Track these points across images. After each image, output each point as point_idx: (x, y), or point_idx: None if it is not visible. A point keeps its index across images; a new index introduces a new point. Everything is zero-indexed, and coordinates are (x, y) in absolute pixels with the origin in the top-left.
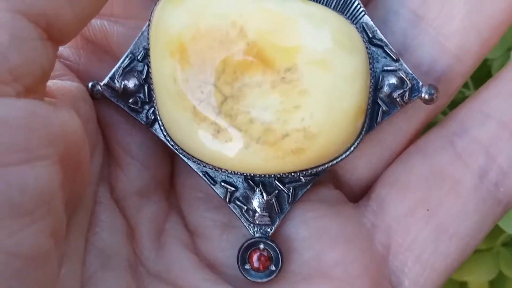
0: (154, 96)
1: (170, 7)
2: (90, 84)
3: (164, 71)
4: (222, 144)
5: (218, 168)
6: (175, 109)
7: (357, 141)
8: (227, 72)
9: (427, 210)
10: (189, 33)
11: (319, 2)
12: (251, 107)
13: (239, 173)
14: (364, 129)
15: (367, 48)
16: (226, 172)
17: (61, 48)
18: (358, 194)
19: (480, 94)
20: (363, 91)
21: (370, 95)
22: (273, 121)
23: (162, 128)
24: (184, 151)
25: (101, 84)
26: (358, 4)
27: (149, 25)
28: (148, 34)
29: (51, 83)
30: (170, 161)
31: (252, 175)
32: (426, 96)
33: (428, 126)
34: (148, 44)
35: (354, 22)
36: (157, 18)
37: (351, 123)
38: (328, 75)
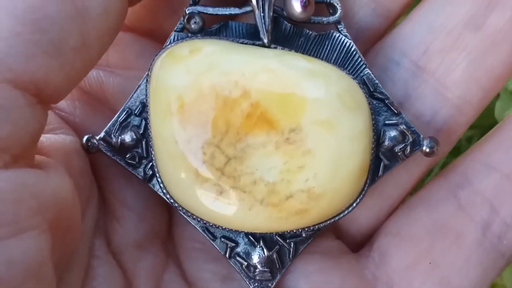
0: (153, 153)
1: (169, 64)
2: (85, 138)
3: (165, 132)
4: (225, 205)
5: (219, 225)
6: (176, 169)
7: (360, 197)
8: (231, 133)
9: (430, 263)
10: (191, 93)
11: (321, 56)
12: (255, 168)
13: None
14: (367, 185)
15: (369, 103)
16: (227, 228)
17: None
18: (359, 243)
19: (483, 145)
20: (366, 149)
21: (372, 151)
22: (277, 182)
23: (161, 185)
24: (184, 209)
25: (97, 138)
26: (359, 57)
27: (147, 80)
28: (146, 89)
29: (44, 138)
30: (168, 212)
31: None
32: (427, 150)
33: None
34: (146, 99)
35: (356, 75)
36: (156, 76)
37: (355, 182)
38: (333, 136)
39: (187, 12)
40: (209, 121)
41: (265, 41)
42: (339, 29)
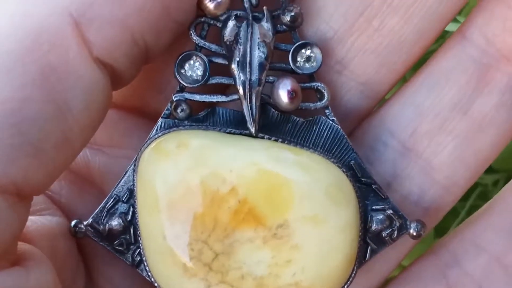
0: (141, 243)
1: (156, 159)
2: (72, 223)
3: (153, 227)
4: None
5: None
6: (164, 263)
7: (348, 284)
8: (218, 229)
9: None
10: (178, 190)
11: (308, 141)
12: (243, 262)
13: None
14: (354, 271)
15: (357, 193)
16: None
17: None
18: None
19: (473, 224)
20: (354, 241)
21: (360, 239)
22: (264, 276)
23: (149, 273)
24: None
25: (85, 224)
26: (347, 142)
27: (134, 170)
28: (133, 179)
29: (29, 222)
30: None
31: None
32: (414, 233)
33: None
34: (133, 187)
35: (343, 160)
36: (143, 170)
37: (342, 272)
38: (320, 230)
39: (174, 99)
40: (197, 218)
41: (252, 130)
42: (327, 114)
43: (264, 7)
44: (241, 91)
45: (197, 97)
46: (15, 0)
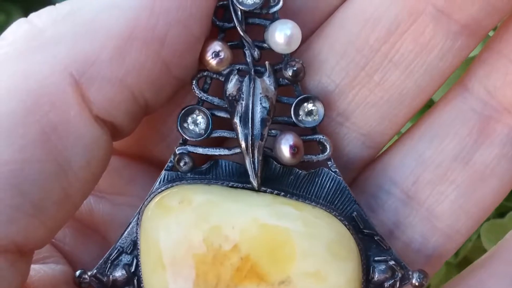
0: None
1: (158, 216)
2: (77, 274)
3: (156, 283)
4: None
5: None
6: None
7: None
8: (221, 286)
9: None
10: (181, 247)
11: (310, 192)
12: None
13: None
14: None
15: (359, 247)
16: None
17: None
18: None
19: (477, 272)
20: None
21: None
22: None
23: None
24: None
25: (89, 274)
26: (349, 193)
27: (137, 223)
28: (136, 232)
29: (33, 271)
30: None
31: None
32: (416, 283)
33: None
34: (137, 239)
35: (345, 211)
36: (146, 226)
37: None
38: (322, 286)
39: (177, 152)
40: (200, 275)
41: (255, 185)
42: (329, 166)
43: (266, 62)
44: (243, 146)
45: (200, 150)
46: (16, 59)
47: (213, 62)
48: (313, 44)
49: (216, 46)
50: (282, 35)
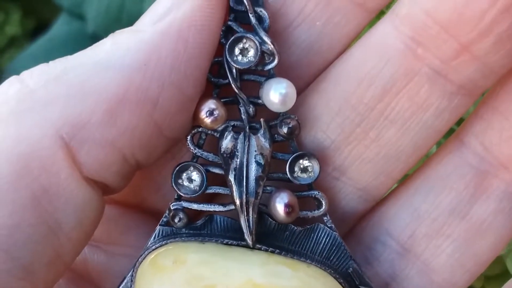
0: None
1: (152, 275)
2: None
3: None
4: None
5: None
6: None
7: None
8: None
9: None
10: None
11: (306, 248)
12: None
13: None
14: None
15: None
16: None
17: None
18: None
19: None
20: None
21: None
22: None
23: None
24: None
25: None
26: (345, 249)
27: (131, 280)
28: None
29: None
30: None
31: None
32: None
33: None
34: None
35: (341, 267)
36: (140, 286)
37: None
38: None
39: (171, 208)
40: None
41: (250, 242)
42: (325, 221)
43: (261, 119)
44: (238, 204)
45: (194, 206)
46: (6, 122)
47: (207, 120)
48: (308, 99)
49: (211, 104)
50: (277, 94)
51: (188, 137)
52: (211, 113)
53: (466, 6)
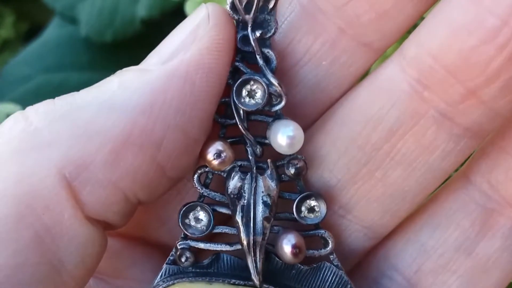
0: None
1: None
2: None
3: None
4: None
5: None
6: None
7: None
8: None
9: None
10: None
11: (312, 286)
12: None
13: None
14: None
15: None
16: None
17: None
18: None
19: None
20: None
21: None
22: None
23: None
24: None
25: None
26: (351, 287)
27: None
28: None
29: None
30: None
31: None
32: None
33: None
34: None
35: None
36: None
37: None
38: None
39: (178, 246)
40: None
41: (257, 283)
42: (331, 259)
43: (269, 160)
44: (245, 244)
45: (201, 245)
46: (10, 161)
47: (215, 162)
48: (315, 138)
49: (218, 146)
50: (284, 137)
51: (195, 177)
52: (218, 155)
53: (473, 52)
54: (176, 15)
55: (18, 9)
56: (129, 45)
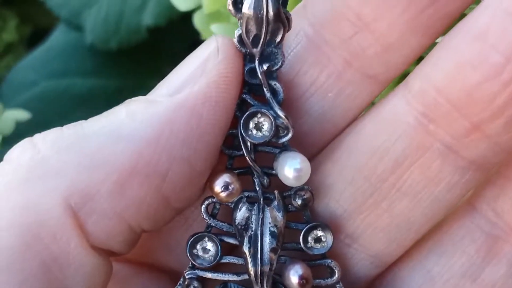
0: None
1: None
2: None
3: None
4: None
5: None
6: None
7: None
8: None
9: None
10: None
11: None
12: None
13: None
14: None
15: None
16: None
17: None
18: None
19: None
20: None
21: None
22: None
23: None
24: None
25: None
26: None
27: None
28: None
29: None
30: None
31: None
32: None
33: None
34: None
35: None
36: None
37: None
38: None
39: (186, 276)
40: None
41: None
42: None
43: (276, 191)
44: (252, 275)
45: (209, 275)
46: (17, 190)
47: (223, 195)
48: (321, 167)
49: (226, 178)
50: (291, 170)
51: (203, 207)
52: (226, 187)
53: (477, 88)
54: (182, 24)
55: (21, 12)
56: (134, 53)
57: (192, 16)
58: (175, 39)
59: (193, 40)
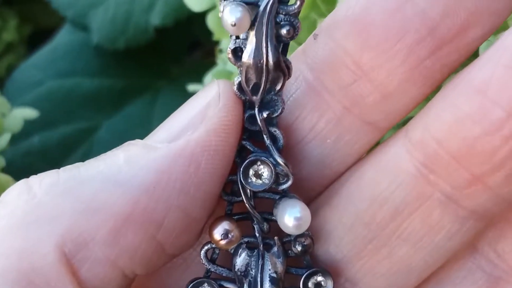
0: None
1: None
2: None
3: None
4: None
5: None
6: None
7: None
8: None
9: None
10: None
11: None
12: None
13: None
14: None
15: None
16: None
17: None
18: None
19: None
20: None
21: None
22: None
23: None
24: None
25: None
26: None
27: None
28: None
29: None
30: None
31: None
32: None
33: None
34: None
35: None
36: None
37: None
38: None
39: None
40: None
41: None
42: None
43: (276, 238)
44: None
45: None
46: (12, 235)
47: (222, 242)
48: (321, 212)
49: (225, 225)
50: (291, 219)
51: (202, 252)
52: (226, 235)
53: (477, 141)
54: (189, 24)
55: (22, 12)
56: (141, 52)
57: (197, 17)
58: (180, 40)
59: (191, 42)
